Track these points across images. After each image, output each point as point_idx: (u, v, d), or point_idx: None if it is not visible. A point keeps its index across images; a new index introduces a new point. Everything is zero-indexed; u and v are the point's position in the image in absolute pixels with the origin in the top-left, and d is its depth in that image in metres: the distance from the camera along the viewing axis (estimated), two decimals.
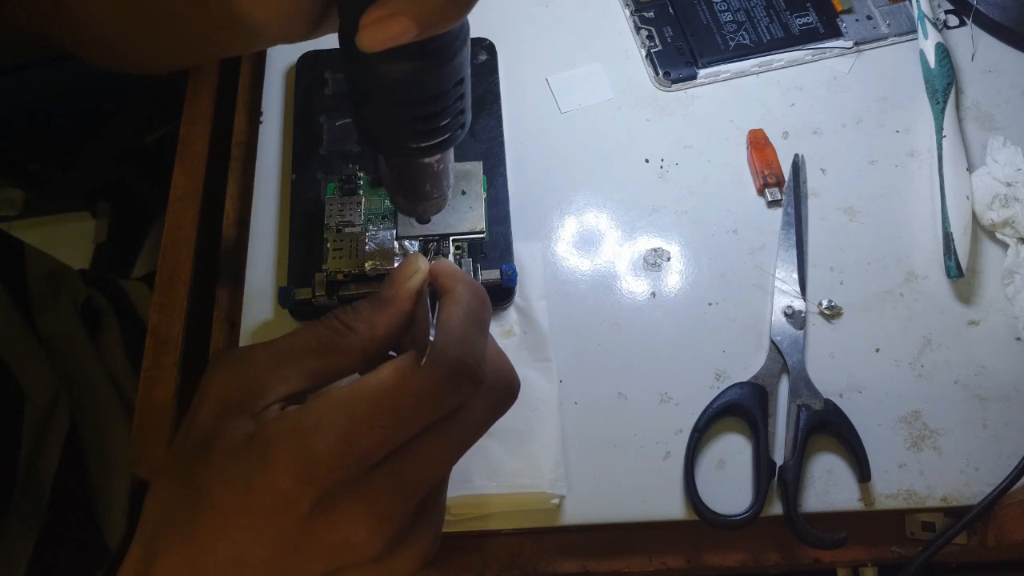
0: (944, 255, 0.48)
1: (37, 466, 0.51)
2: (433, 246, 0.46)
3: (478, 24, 0.47)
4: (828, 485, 0.44)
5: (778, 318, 0.47)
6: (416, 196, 0.39)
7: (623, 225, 0.50)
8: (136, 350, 0.63)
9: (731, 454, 0.44)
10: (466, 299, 0.33)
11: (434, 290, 0.35)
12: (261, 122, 0.53)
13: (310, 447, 0.28)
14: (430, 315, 0.33)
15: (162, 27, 0.41)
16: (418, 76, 0.30)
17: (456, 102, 0.33)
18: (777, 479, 0.43)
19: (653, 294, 0.48)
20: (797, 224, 0.49)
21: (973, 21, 0.56)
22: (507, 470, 0.42)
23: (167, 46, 0.44)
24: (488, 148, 0.50)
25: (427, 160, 0.36)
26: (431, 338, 0.31)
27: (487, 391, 0.32)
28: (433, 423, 0.30)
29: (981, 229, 0.49)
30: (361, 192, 0.48)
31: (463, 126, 0.35)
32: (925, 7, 0.54)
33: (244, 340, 0.47)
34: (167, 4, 0.39)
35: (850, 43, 0.55)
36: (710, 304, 0.48)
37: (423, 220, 0.44)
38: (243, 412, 0.30)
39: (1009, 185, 0.49)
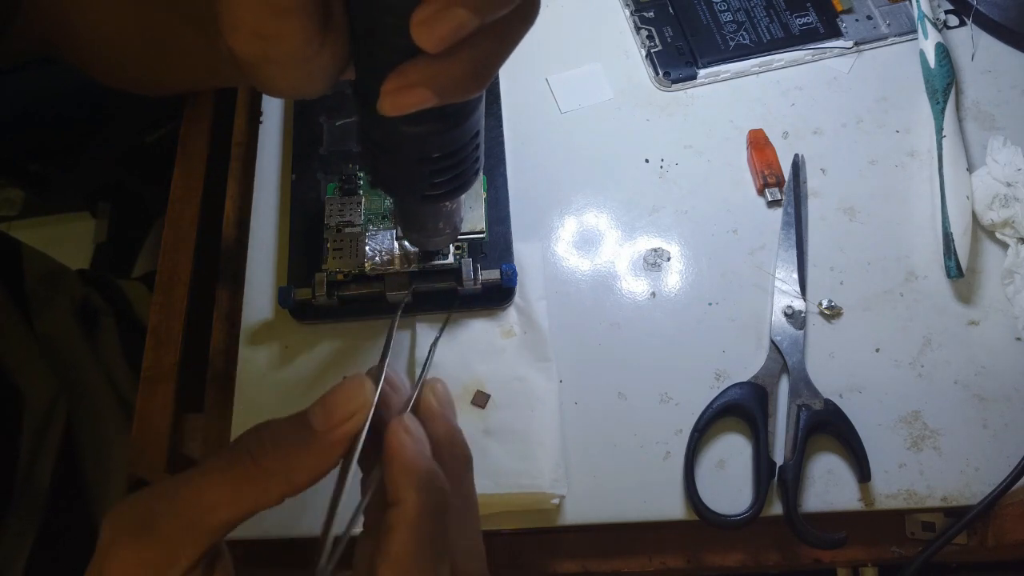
0: (944, 255, 0.48)
1: (35, 468, 0.51)
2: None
3: None
4: (828, 485, 0.44)
5: (778, 318, 0.47)
6: (428, 233, 0.40)
7: (623, 225, 0.50)
8: (134, 350, 0.63)
9: (731, 454, 0.44)
10: (417, 516, 0.28)
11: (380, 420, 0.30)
12: (261, 122, 0.53)
13: None
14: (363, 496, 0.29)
15: (171, 59, 0.41)
16: (436, 136, 0.31)
17: (472, 152, 0.33)
18: (777, 479, 0.43)
19: (653, 294, 0.48)
20: (797, 224, 0.49)
21: (973, 21, 0.56)
22: (507, 470, 0.42)
23: (173, 75, 0.45)
24: (488, 148, 0.50)
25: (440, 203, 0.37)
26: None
27: None
28: None
29: (981, 229, 0.49)
30: (361, 192, 0.48)
31: (477, 172, 0.35)
32: (925, 7, 0.54)
33: (244, 340, 0.47)
34: (177, 38, 0.39)
35: (850, 43, 0.55)
36: (710, 304, 0.48)
37: (431, 248, 0.45)
38: None
39: (1009, 185, 0.49)
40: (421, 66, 0.26)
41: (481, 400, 0.44)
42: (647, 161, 0.52)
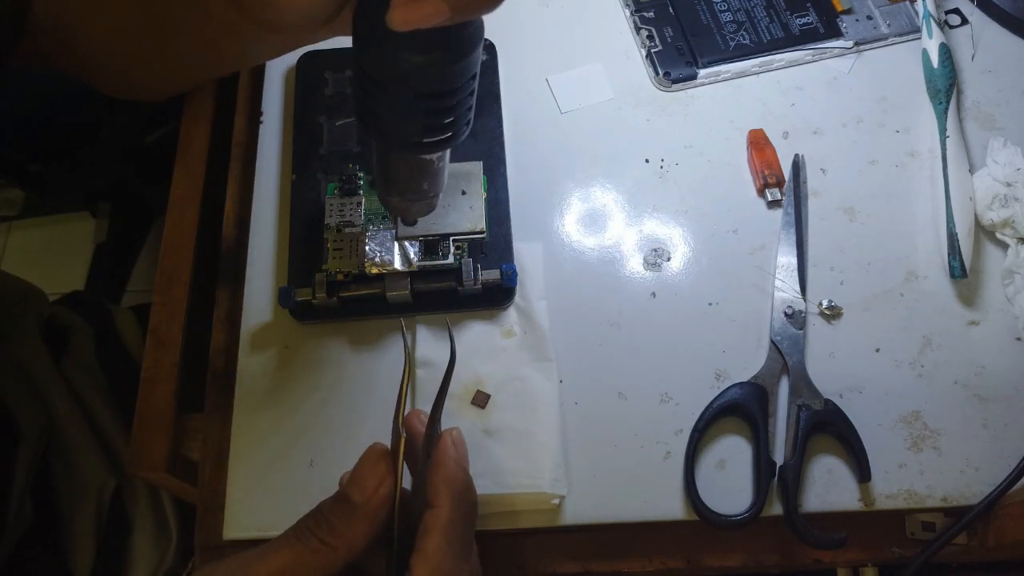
0: (948, 255, 0.48)
1: (25, 499, 0.50)
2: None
3: None
4: (828, 485, 0.44)
5: (778, 318, 0.47)
6: (412, 194, 0.40)
7: (623, 225, 0.50)
8: (114, 375, 0.62)
9: (731, 454, 0.44)
10: (449, 520, 0.33)
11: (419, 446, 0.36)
12: (261, 122, 0.53)
13: None
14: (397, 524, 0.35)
15: (172, 48, 0.41)
16: (438, 67, 0.31)
17: (467, 97, 0.33)
18: (777, 479, 0.43)
19: (653, 294, 0.48)
20: (797, 224, 0.49)
21: (979, 7, 0.55)
22: (507, 470, 0.42)
23: (175, 69, 0.44)
24: (488, 148, 0.50)
25: (429, 156, 0.37)
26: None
27: None
28: None
29: (981, 229, 0.49)
30: (361, 192, 0.48)
31: (468, 123, 0.35)
32: (931, 6, 0.54)
33: (244, 340, 0.47)
34: (168, 14, 0.39)
35: (850, 43, 0.55)
36: (710, 304, 0.48)
37: (410, 221, 0.44)
38: None
39: (1009, 185, 0.49)
40: None
41: (481, 400, 0.44)
42: (647, 161, 0.52)
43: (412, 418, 0.38)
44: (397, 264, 0.46)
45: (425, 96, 0.32)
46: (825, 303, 0.48)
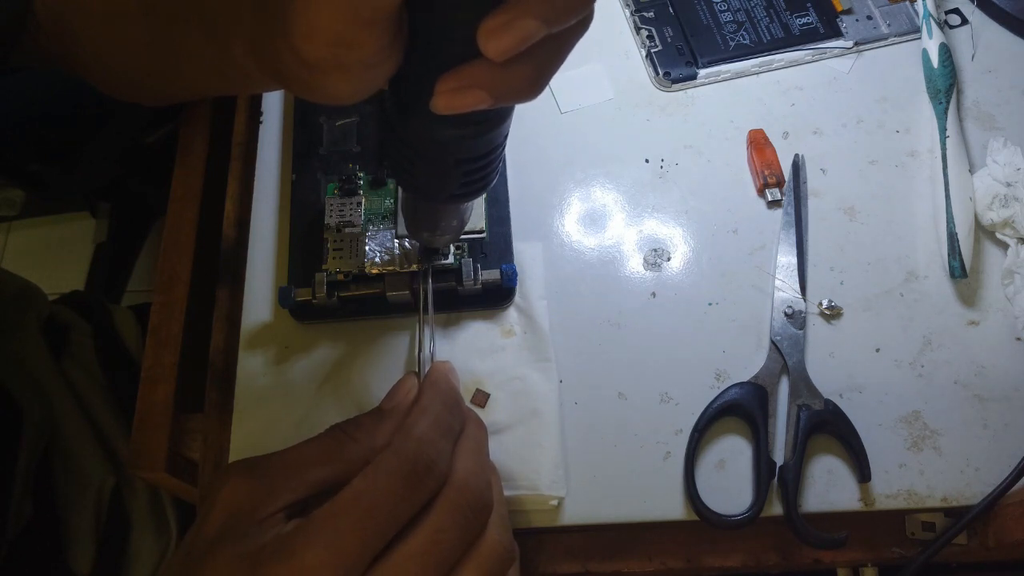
0: (948, 255, 0.48)
1: (24, 499, 0.50)
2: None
3: None
4: (828, 485, 0.44)
5: (778, 318, 0.47)
6: (441, 230, 0.41)
7: (623, 225, 0.50)
8: (114, 374, 0.62)
9: (731, 454, 0.44)
10: (431, 406, 0.36)
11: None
12: (261, 122, 0.53)
13: (302, 562, 0.30)
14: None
15: (179, 69, 0.41)
16: (476, 139, 0.31)
17: (500, 153, 0.34)
18: (777, 479, 0.43)
19: (653, 294, 0.48)
20: (797, 224, 0.49)
21: (979, 7, 0.56)
22: (506, 471, 0.42)
23: (180, 85, 0.45)
24: None
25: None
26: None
27: (453, 494, 0.33)
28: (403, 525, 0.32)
29: (981, 229, 0.49)
30: (361, 192, 0.48)
31: (498, 172, 0.36)
32: (931, 6, 0.54)
33: (244, 340, 0.47)
34: (186, 48, 0.39)
35: (850, 43, 0.55)
36: (710, 304, 0.48)
37: (438, 246, 0.45)
38: (250, 518, 0.32)
39: (1009, 185, 0.49)
40: (481, 69, 0.27)
41: (481, 400, 0.44)
42: (647, 161, 0.52)
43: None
44: (397, 264, 0.46)
45: (462, 161, 0.33)
46: (825, 303, 0.48)
